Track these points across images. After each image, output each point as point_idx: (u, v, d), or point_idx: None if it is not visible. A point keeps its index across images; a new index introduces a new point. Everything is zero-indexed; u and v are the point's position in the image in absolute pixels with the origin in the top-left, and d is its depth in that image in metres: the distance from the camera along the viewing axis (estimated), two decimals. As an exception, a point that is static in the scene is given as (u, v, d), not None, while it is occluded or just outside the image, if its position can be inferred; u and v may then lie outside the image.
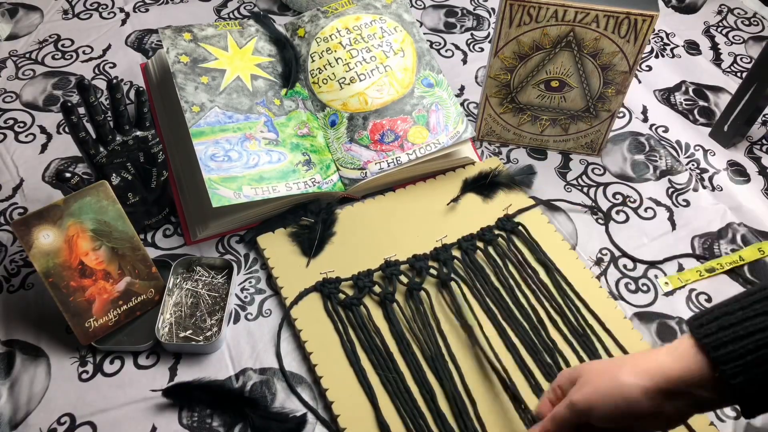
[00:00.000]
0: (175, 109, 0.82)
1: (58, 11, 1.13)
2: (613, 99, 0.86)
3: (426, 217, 0.83)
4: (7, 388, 0.68)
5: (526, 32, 0.81)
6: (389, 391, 0.67)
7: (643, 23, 0.77)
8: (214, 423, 0.66)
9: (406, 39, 0.89)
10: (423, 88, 0.87)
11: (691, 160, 0.94)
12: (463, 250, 0.78)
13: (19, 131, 0.93)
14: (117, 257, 0.71)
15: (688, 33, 1.16)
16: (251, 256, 0.80)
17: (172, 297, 0.74)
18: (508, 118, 0.91)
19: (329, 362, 0.69)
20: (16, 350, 0.71)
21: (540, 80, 0.86)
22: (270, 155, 0.80)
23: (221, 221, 0.79)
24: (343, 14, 0.90)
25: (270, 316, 0.75)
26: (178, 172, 0.83)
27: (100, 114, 0.72)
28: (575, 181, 0.90)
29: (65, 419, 0.66)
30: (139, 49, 1.07)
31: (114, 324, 0.71)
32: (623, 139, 0.97)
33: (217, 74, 0.82)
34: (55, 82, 1.01)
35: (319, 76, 0.88)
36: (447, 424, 0.65)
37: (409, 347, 0.70)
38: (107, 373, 0.69)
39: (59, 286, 0.67)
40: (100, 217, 0.69)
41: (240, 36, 0.87)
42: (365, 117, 0.85)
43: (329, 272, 0.76)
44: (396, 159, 0.83)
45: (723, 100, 1.03)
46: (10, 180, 0.87)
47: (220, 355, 0.71)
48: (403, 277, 0.76)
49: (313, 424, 0.66)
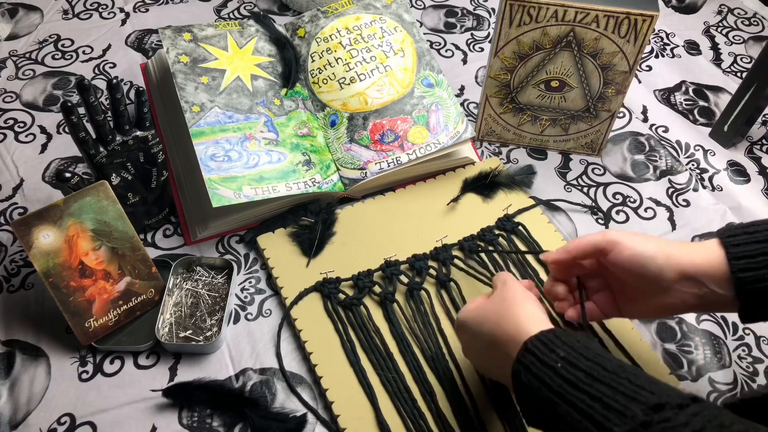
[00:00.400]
0: (175, 109, 0.82)
1: (58, 11, 1.13)
2: (613, 99, 0.86)
3: (426, 217, 0.83)
4: (7, 388, 0.68)
5: (526, 32, 0.81)
6: (389, 391, 0.67)
7: (643, 23, 0.77)
8: (214, 423, 0.66)
9: (406, 39, 0.90)
10: (423, 88, 0.87)
11: (691, 160, 0.94)
12: (464, 250, 0.78)
13: (19, 131, 0.93)
14: (117, 257, 0.71)
15: (688, 33, 1.16)
16: (251, 256, 0.80)
17: (172, 297, 0.74)
18: (508, 118, 0.91)
19: (329, 362, 0.69)
20: (16, 350, 0.71)
21: (540, 80, 0.86)
22: (270, 155, 0.80)
23: (221, 221, 0.79)
24: (343, 14, 0.90)
25: (270, 316, 0.75)
26: (178, 172, 0.83)
27: (100, 114, 0.72)
28: (575, 181, 0.91)
29: (65, 419, 0.66)
30: (139, 49, 1.07)
31: (114, 324, 0.71)
32: (623, 139, 0.97)
33: (217, 74, 0.82)
34: (55, 82, 1.01)
35: (319, 76, 0.88)
36: (447, 424, 0.65)
37: (409, 347, 0.70)
38: (107, 373, 0.69)
39: (59, 286, 0.67)
40: (100, 217, 0.69)
41: (240, 36, 0.87)
42: (365, 117, 0.85)
43: (329, 272, 0.76)
44: (396, 159, 0.83)
45: (723, 100, 1.03)
46: (10, 180, 0.87)
47: (220, 355, 0.71)
48: (403, 277, 0.76)
49: (313, 424, 0.66)
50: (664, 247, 0.57)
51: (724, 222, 0.86)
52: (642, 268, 0.57)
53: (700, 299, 0.56)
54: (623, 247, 0.57)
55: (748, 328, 0.75)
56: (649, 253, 0.56)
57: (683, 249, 0.57)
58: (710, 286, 0.55)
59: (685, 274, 0.56)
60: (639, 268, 0.57)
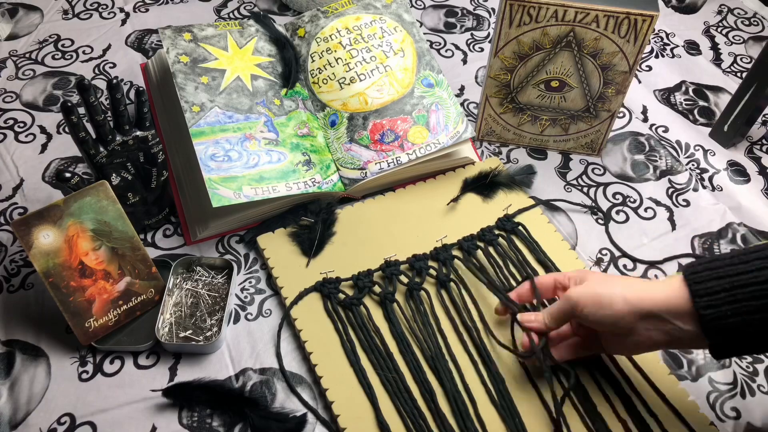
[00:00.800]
0: (175, 109, 0.82)
1: (58, 11, 1.13)
2: (613, 99, 0.86)
3: (426, 217, 0.83)
4: (7, 388, 0.68)
5: (526, 32, 0.81)
6: (389, 391, 0.67)
7: (643, 23, 0.77)
8: (214, 423, 0.66)
9: (406, 39, 0.90)
10: (423, 88, 0.87)
11: (691, 160, 0.94)
12: (464, 250, 0.78)
13: (19, 131, 0.93)
14: (117, 257, 0.71)
15: (688, 33, 1.16)
16: (251, 256, 0.80)
17: (172, 297, 0.74)
18: (508, 118, 0.91)
19: (329, 362, 0.69)
20: (16, 350, 0.71)
21: (540, 80, 0.86)
22: (270, 155, 0.80)
23: (221, 221, 0.79)
24: (343, 14, 0.90)
25: (270, 316, 0.75)
26: (178, 172, 0.83)
27: (100, 114, 0.72)
28: (575, 181, 0.91)
29: (65, 419, 0.66)
30: (139, 49, 1.07)
31: (114, 324, 0.71)
32: (623, 139, 0.97)
33: (217, 74, 0.82)
34: (55, 82, 1.01)
35: (319, 76, 0.88)
36: (447, 424, 0.65)
37: (409, 347, 0.70)
38: (107, 373, 0.69)
39: (59, 286, 0.67)
40: (100, 217, 0.69)
41: (240, 36, 0.87)
42: (365, 117, 0.85)
43: (329, 272, 0.76)
44: (396, 159, 0.83)
45: (723, 100, 1.03)
46: (10, 180, 0.87)
47: (220, 355, 0.71)
48: (403, 277, 0.76)
49: (313, 424, 0.66)
50: (622, 291, 0.58)
51: (724, 222, 0.86)
52: (603, 318, 0.59)
53: (667, 335, 0.57)
54: (582, 307, 0.60)
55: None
56: (606, 301, 0.58)
57: (645, 288, 0.58)
58: (675, 323, 0.56)
59: (647, 312, 0.57)
60: (601, 319, 0.59)
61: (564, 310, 0.62)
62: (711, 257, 0.57)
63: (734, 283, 0.53)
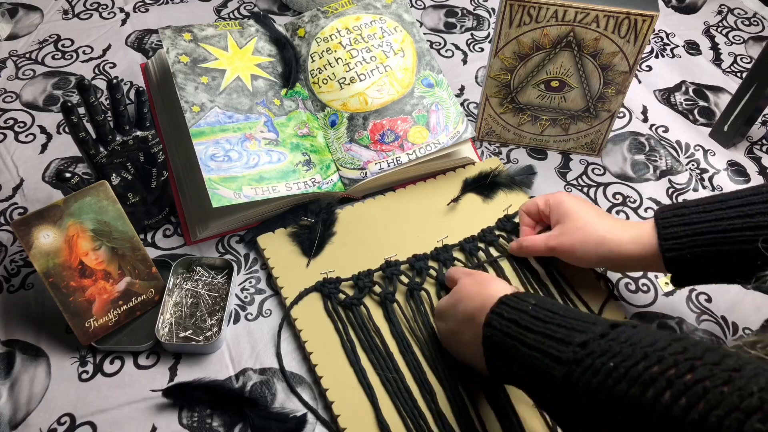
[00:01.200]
0: (175, 109, 0.82)
1: (58, 11, 1.13)
2: (613, 99, 0.86)
3: (426, 217, 0.83)
4: (7, 388, 0.68)
5: (526, 32, 0.81)
6: (389, 391, 0.67)
7: (643, 23, 0.77)
8: (214, 423, 0.66)
9: (406, 39, 0.90)
10: (423, 88, 0.87)
11: (691, 160, 0.94)
12: (465, 251, 0.78)
13: (19, 131, 0.93)
14: (117, 257, 0.71)
15: (688, 33, 1.16)
16: (251, 256, 0.80)
17: (172, 297, 0.74)
18: (508, 118, 0.91)
19: (329, 362, 0.69)
20: (16, 350, 0.71)
21: (540, 80, 0.86)
22: (270, 155, 0.80)
23: (221, 221, 0.79)
24: (343, 14, 0.90)
25: (270, 316, 0.75)
26: (178, 172, 0.83)
27: (100, 114, 0.72)
28: (575, 181, 0.91)
29: (65, 419, 0.66)
30: (139, 49, 1.07)
31: (114, 324, 0.71)
32: (623, 139, 0.97)
33: (217, 74, 0.82)
34: (55, 82, 1.01)
35: (319, 76, 0.88)
36: (447, 424, 0.65)
37: (409, 347, 0.70)
38: (107, 373, 0.69)
39: (59, 286, 0.67)
40: (100, 217, 0.69)
41: (240, 36, 0.87)
42: (365, 117, 0.85)
43: (329, 272, 0.76)
44: (396, 159, 0.83)
45: (723, 100, 1.03)
46: (10, 180, 0.87)
47: (220, 355, 0.71)
48: (403, 277, 0.76)
49: (313, 424, 0.66)
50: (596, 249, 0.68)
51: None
52: (577, 264, 0.72)
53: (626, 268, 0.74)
54: (560, 255, 0.72)
55: (748, 329, 0.75)
56: (583, 259, 0.70)
57: (619, 243, 0.67)
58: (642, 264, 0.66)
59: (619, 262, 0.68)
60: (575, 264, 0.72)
61: (545, 253, 0.73)
62: (679, 203, 0.64)
63: (696, 230, 0.61)
